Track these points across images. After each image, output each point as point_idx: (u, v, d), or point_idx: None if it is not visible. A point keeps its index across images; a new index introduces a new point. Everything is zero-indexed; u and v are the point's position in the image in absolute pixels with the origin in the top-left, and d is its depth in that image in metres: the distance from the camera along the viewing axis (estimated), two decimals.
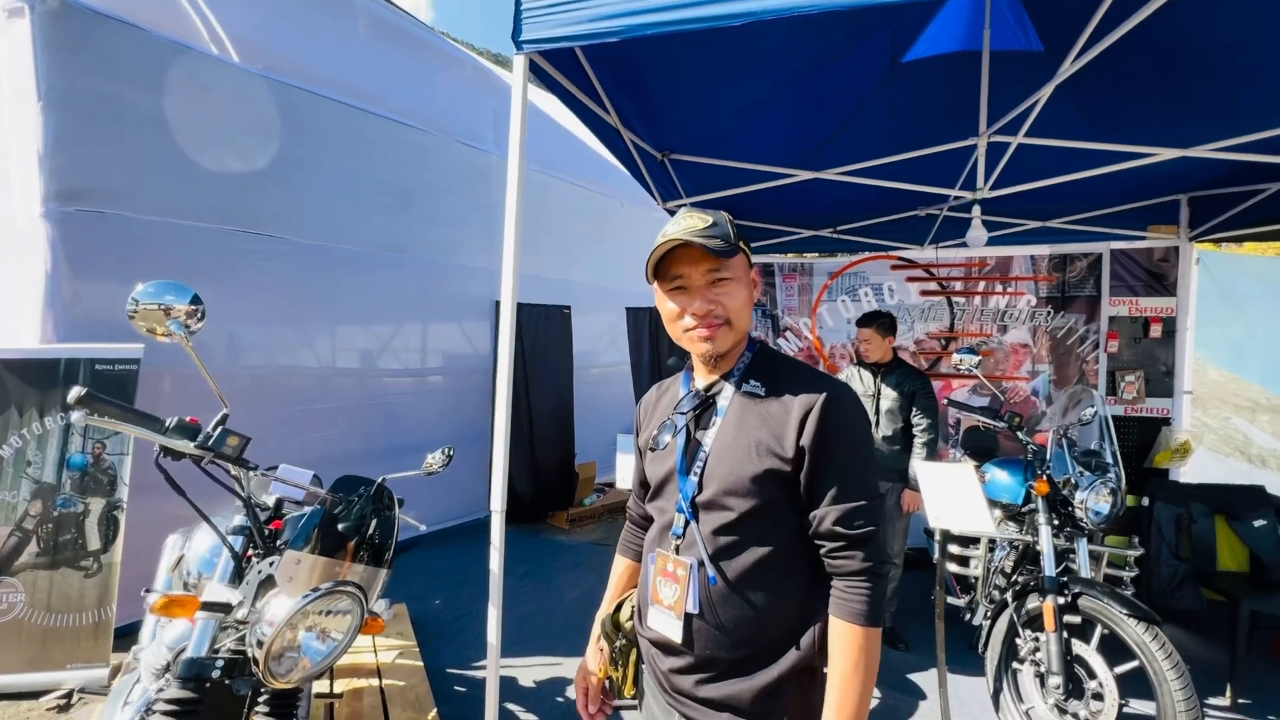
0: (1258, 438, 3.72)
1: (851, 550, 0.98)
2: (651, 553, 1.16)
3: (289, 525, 1.25)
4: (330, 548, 1.25)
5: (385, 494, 1.40)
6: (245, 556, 1.29)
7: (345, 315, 4.46)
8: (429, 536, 4.74)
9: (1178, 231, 3.87)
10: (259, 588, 1.21)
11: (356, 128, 4.33)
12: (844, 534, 0.98)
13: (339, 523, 1.31)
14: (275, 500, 1.34)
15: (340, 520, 1.32)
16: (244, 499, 1.21)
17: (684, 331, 1.10)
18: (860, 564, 0.98)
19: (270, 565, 1.19)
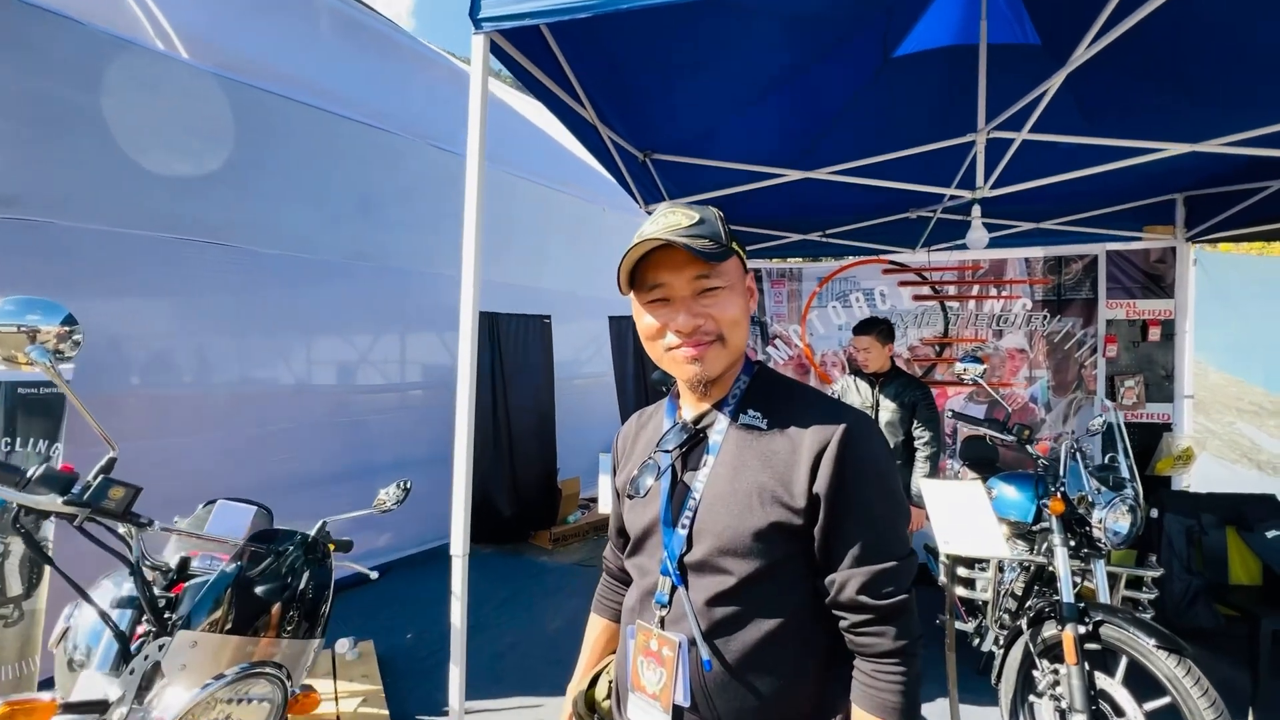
0: (1265, 443, 3.61)
1: (880, 625, 0.79)
2: (631, 624, 0.95)
3: (188, 595, 1.02)
4: (243, 619, 1.02)
5: (319, 545, 1.18)
6: (135, 635, 1.06)
7: (314, 328, 4.21)
8: (403, 562, 4.48)
9: (1174, 232, 3.76)
10: (149, 676, 0.98)
11: (322, 130, 4.10)
12: (870, 605, 0.79)
13: (258, 585, 1.08)
14: (180, 559, 1.12)
15: (261, 581, 1.09)
16: (131, 564, 0.99)
17: (666, 351, 0.90)
18: (892, 643, 0.78)
19: (160, 649, 0.97)
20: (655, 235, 0.85)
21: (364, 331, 4.57)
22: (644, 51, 2.43)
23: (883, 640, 0.79)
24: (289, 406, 3.99)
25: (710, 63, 2.66)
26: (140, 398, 3.26)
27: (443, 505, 5.03)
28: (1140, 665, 2.00)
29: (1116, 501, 2.22)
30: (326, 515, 4.27)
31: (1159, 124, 2.74)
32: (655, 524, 0.92)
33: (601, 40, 2.25)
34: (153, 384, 3.33)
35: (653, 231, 0.86)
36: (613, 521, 1.16)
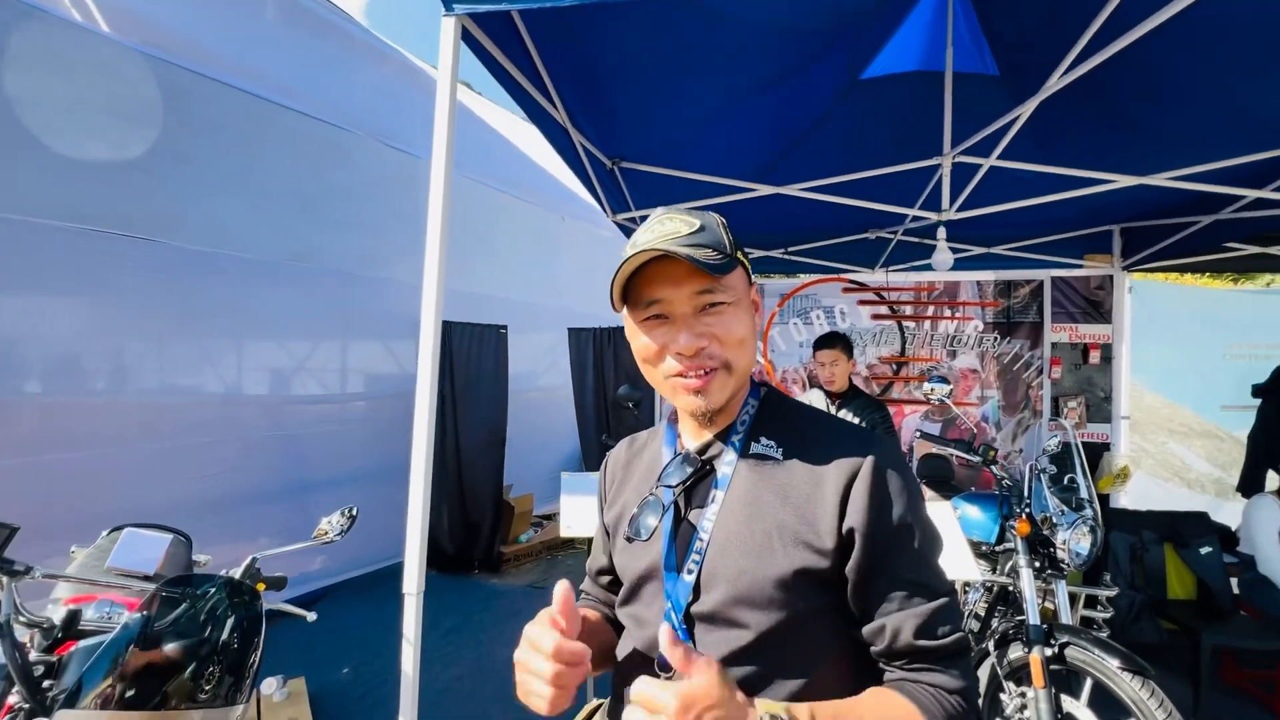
0: (1194, 462, 3.83)
1: (941, 671, 0.70)
2: (628, 686, 0.83)
3: (76, 659, 0.83)
4: (148, 687, 0.84)
5: (245, 588, 1.00)
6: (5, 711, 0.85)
7: (246, 332, 3.88)
8: (341, 587, 4.16)
9: (1112, 261, 3.96)
10: None
11: (260, 120, 3.81)
12: (930, 649, 0.70)
13: (170, 640, 0.90)
14: (68, 612, 0.91)
15: (173, 635, 0.91)
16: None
17: (666, 379, 0.80)
18: (958, 682, 0.70)
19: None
20: (652, 245, 0.74)
21: (302, 337, 4.26)
22: (620, 55, 2.34)
23: (949, 679, 0.70)
24: (214, 418, 3.65)
25: (684, 72, 2.61)
26: (39, 406, 2.89)
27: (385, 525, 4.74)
28: (1104, 687, 2.01)
29: (1078, 522, 2.25)
30: (255, 537, 3.92)
31: (1106, 157, 2.86)
32: (655, 569, 0.81)
33: (577, 39, 2.16)
34: (55, 391, 2.96)
35: (648, 241, 0.75)
36: (594, 557, 1.03)
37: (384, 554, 4.63)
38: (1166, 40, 1.89)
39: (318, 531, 1.39)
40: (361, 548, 4.36)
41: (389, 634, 3.48)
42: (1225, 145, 2.57)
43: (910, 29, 2.78)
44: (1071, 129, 2.89)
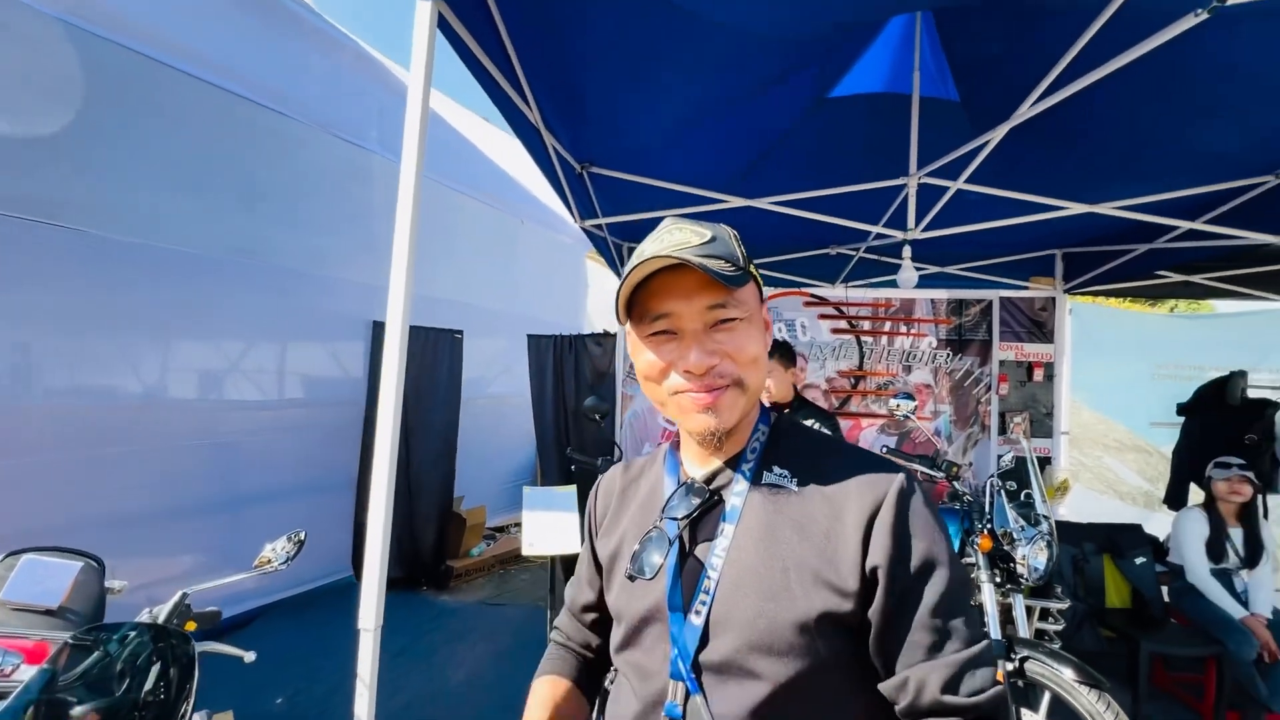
0: (1126, 475, 4.06)
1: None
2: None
3: None
4: None
5: (172, 631, 0.86)
6: None
7: (175, 331, 3.57)
8: (277, 606, 3.86)
9: (1054, 283, 4.17)
10: None
11: (200, 104, 3.53)
12: (959, 706, 0.63)
13: (81, 698, 0.76)
14: None
15: (86, 692, 0.77)
16: None
17: (671, 396, 0.73)
18: None
19: None
20: (662, 254, 0.68)
21: (238, 337, 3.96)
22: (595, 58, 2.28)
23: None
24: (136, 423, 3.33)
25: (658, 79, 2.57)
26: None
27: (325, 540, 4.46)
28: (1061, 699, 2.06)
29: (1036, 537, 2.31)
30: (179, 556, 3.59)
31: (1055, 184, 3.00)
32: (659, 610, 0.73)
33: (553, 39, 2.08)
34: None
35: (657, 250, 0.69)
36: (578, 591, 0.94)
37: (323, 571, 4.35)
38: (1117, 79, 1.98)
39: (260, 560, 1.24)
40: (298, 564, 4.06)
41: (327, 659, 3.26)
42: (1165, 178, 2.73)
43: (878, 51, 2.83)
44: (1025, 156, 3.01)
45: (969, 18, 2.45)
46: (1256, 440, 3.50)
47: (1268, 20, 1.69)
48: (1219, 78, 2.05)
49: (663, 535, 0.75)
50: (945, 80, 2.95)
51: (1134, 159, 2.68)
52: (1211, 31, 1.63)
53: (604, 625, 0.88)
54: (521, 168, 6.45)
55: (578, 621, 0.95)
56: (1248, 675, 2.78)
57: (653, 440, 4.27)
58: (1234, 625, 2.82)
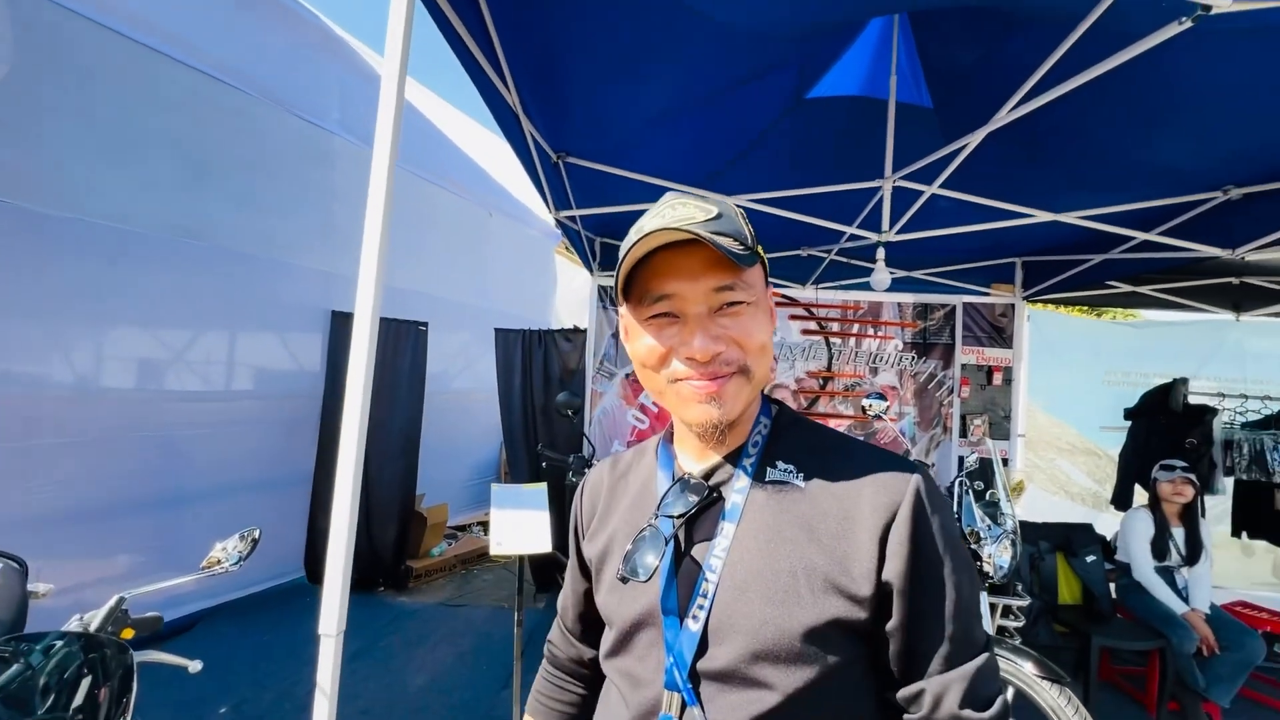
0: (1076, 477, 4.23)
1: None
2: None
3: None
4: None
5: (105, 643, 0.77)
6: None
7: (113, 316, 3.32)
8: (219, 611, 3.65)
9: (1014, 290, 4.30)
10: None
11: (144, 72, 3.30)
12: (976, 719, 0.61)
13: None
14: None
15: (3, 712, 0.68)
16: None
17: (671, 384, 0.68)
18: None
19: None
20: (666, 227, 0.62)
21: (182, 325, 3.72)
22: (579, 43, 2.22)
23: None
24: (67, 414, 3.09)
25: (641, 69, 2.53)
26: None
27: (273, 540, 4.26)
28: (1024, 694, 2.11)
29: (1001, 536, 2.36)
30: (114, 556, 3.37)
31: (1020, 192, 3.09)
32: (652, 614, 0.68)
33: (538, 19, 2.01)
34: None
35: (659, 225, 0.63)
36: (568, 601, 0.89)
37: (271, 573, 4.14)
38: (1084, 91, 2.04)
39: (209, 560, 1.14)
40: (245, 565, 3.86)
41: (275, 665, 3.09)
42: (1124, 190, 2.84)
43: (856, 54, 2.86)
44: (994, 163, 3.09)
45: (944, 25, 2.49)
46: (1196, 444, 3.69)
47: (1233, 40, 1.75)
48: (1180, 94, 2.13)
49: (657, 534, 0.70)
50: (920, 86, 2.99)
51: (1095, 170, 2.77)
52: (1178, 48, 1.68)
53: (597, 636, 0.83)
54: (491, 159, 6.30)
55: (568, 635, 0.90)
56: (1187, 667, 2.92)
57: (622, 438, 4.22)
58: (1176, 620, 2.96)
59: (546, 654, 0.93)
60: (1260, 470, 3.64)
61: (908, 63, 2.86)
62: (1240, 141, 2.34)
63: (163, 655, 1.05)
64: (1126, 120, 2.44)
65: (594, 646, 0.85)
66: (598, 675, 0.85)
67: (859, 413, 4.16)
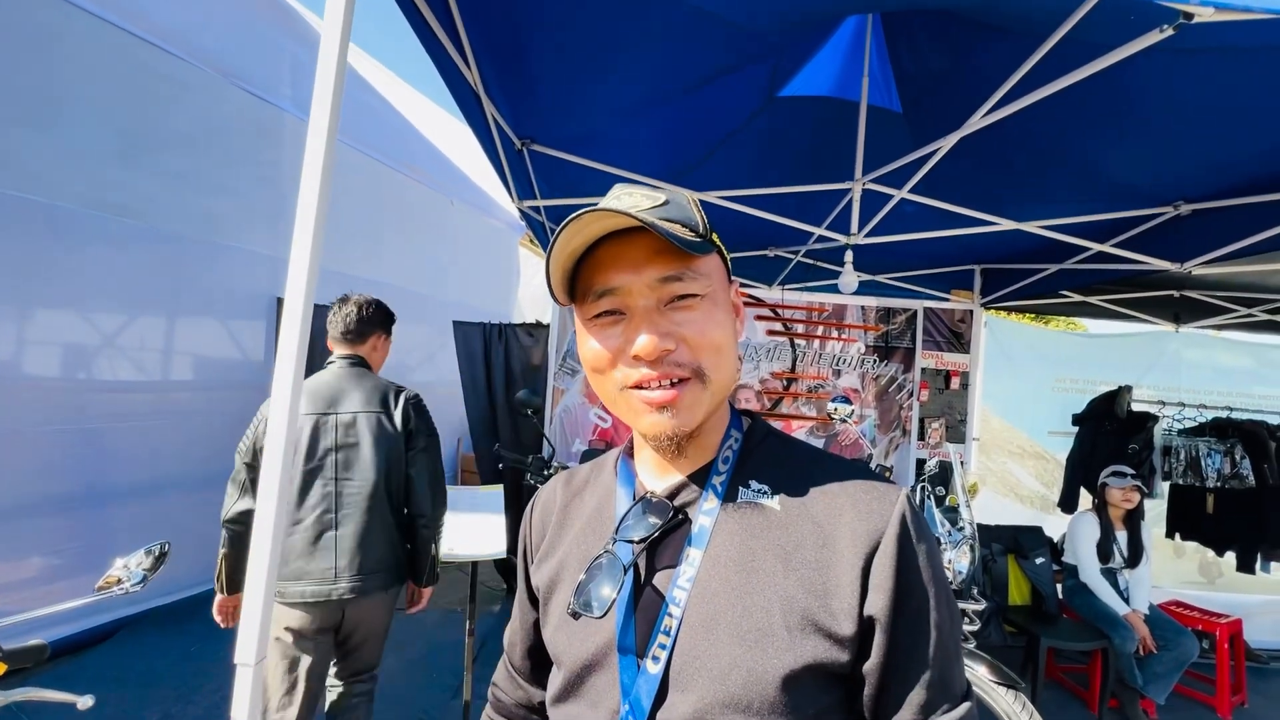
0: (1026, 480, 4.36)
1: None
2: None
3: None
4: None
5: None
6: None
7: (33, 298, 3.05)
8: (144, 619, 3.40)
9: (972, 297, 4.39)
10: None
11: (69, 31, 3.03)
12: None
13: None
14: None
15: None
16: None
17: (621, 390, 0.60)
18: None
19: None
20: (606, 209, 0.55)
21: (112, 310, 3.45)
22: (547, 23, 2.11)
23: None
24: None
25: (611, 57, 2.44)
26: None
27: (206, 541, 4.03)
28: (978, 699, 2.13)
29: (961, 541, 2.38)
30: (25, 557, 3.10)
31: (980, 199, 3.13)
32: (607, 654, 0.60)
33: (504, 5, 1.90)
34: None
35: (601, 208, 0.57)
36: (515, 635, 0.79)
37: (202, 577, 3.89)
38: (1052, 102, 2.05)
39: (106, 580, 1.00)
40: (172, 567, 3.61)
41: (205, 677, 2.89)
42: (1081, 202, 2.90)
43: (828, 55, 2.84)
44: (958, 170, 3.12)
45: (916, 30, 2.49)
46: (1138, 450, 3.84)
47: (1197, 59, 1.78)
48: (1142, 110, 2.17)
49: (615, 561, 0.62)
50: (890, 90, 3.00)
51: (1058, 181, 2.82)
52: (1144, 64, 1.70)
53: (544, 672, 0.74)
54: (454, 145, 6.10)
55: (515, 676, 0.80)
56: (1127, 666, 3.03)
57: (583, 437, 4.13)
58: (1118, 621, 3.06)
59: (490, 698, 0.83)
60: (1195, 475, 3.82)
61: (879, 66, 2.85)
62: (1195, 159, 2.41)
63: (44, 693, 0.91)
64: (1090, 132, 2.49)
65: (545, 688, 0.77)
66: None
67: (822, 415, 4.19)
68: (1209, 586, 4.31)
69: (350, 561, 1.91)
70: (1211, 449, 3.82)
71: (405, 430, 2.04)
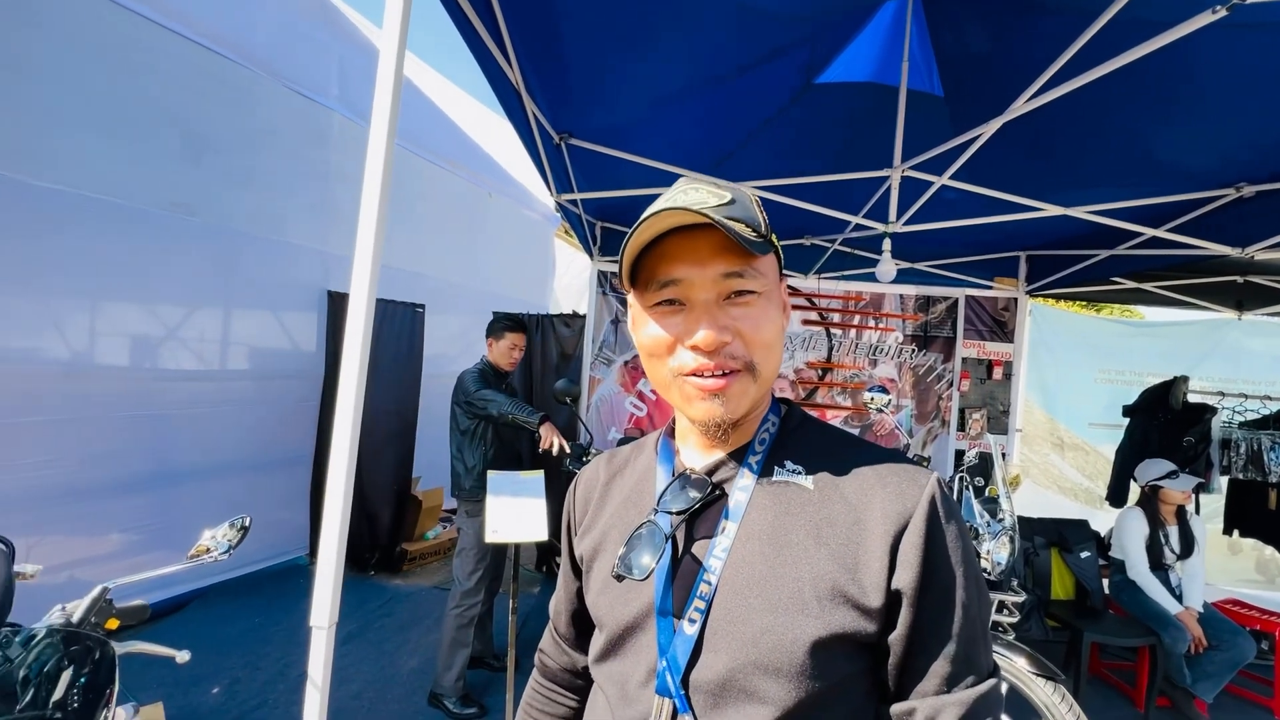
0: (1068, 472, 4.24)
1: None
2: None
3: None
4: None
5: (89, 637, 0.75)
6: None
7: (105, 291, 3.26)
8: (211, 591, 3.64)
9: (1017, 285, 4.27)
10: None
11: (141, 43, 3.21)
12: None
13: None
14: None
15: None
16: None
17: (676, 378, 0.64)
18: None
19: None
20: (676, 206, 0.59)
21: (177, 302, 3.66)
22: (584, 19, 2.15)
23: None
24: (57, 391, 3.04)
25: (647, 49, 2.47)
26: None
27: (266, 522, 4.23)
28: (1017, 690, 2.11)
29: (1000, 532, 2.35)
30: (105, 535, 3.34)
31: (1027, 185, 3.04)
32: (646, 615, 0.64)
33: None
34: None
35: (670, 206, 0.60)
36: (560, 605, 0.85)
37: (265, 553, 4.13)
38: (1100, 84, 1.99)
39: (197, 549, 1.11)
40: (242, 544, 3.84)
41: (269, 646, 3.09)
42: (1134, 185, 2.80)
43: (867, 39, 2.79)
44: (1002, 155, 3.04)
45: (959, 11, 2.43)
46: (1194, 443, 3.69)
47: (1260, 33, 1.70)
48: (1200, 88, 2.08)
49: (655, 531, 0.66)
50: (931, 74, 2.93)
51: (1106, 164, 2.73)
52: (1203, 40, 1.64)
53: (587, 638, 0.80)
54: (490, 138, 6.20)
55: (560, 643, 0.86)
56: (1176, 665, 2.95)
57: (619, 425, 4.20)
58: (1169, 620, 2.97)
59: (537, 663, 0.89)
60: (1257, 470, 3.65)
61: (920, 49, 2.79)
62: (1257, 138, 2.30)
63: (148, 646, 1.02)
64: (1142, 113, 2.39)
65: (586, 654, 0.82)
66: (591, 686, 0.83)
67: (858, 405, 4.15)
68: (1268, 585, 4.13)
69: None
70: (1276, 442, 3.64)
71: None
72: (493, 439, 2.92)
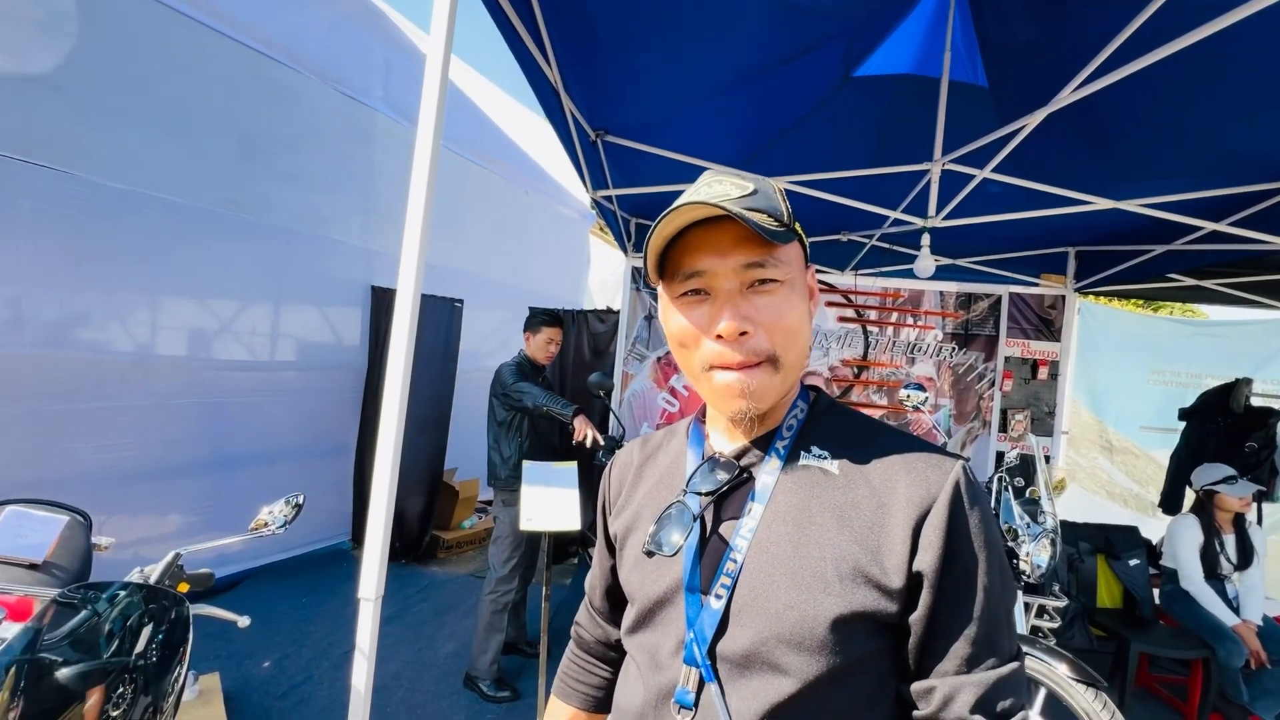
0: (1117, 477, 4.07)
1: None
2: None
3: None
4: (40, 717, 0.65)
5: (163, 595, 0.81)
6: None
7: (165, 286, 3.46)
8: (263, 571, 3.82)
9: (1065, 281, 4.12)
10: None
11: (197, 48, 3.38)
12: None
13: (68, 661, 0.71)
14: None
15: (73, 653, 0.72)
16: None
17: (703, 370, 0.67)
18: None
19: None
20: (699, 200, 0.62)
21: (230, 296, 3.85)
22: (623, 17, 2.17)
23: None
24: (123, 380, 3.24)
25: (683, 45, 2.48)
26: None
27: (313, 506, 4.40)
28: (1057, 696, 2.06)
29: (1040, 535, 2.29)
30: (167, 514, 3.54)
31: (1075, 178, 2.94)
32: (675, 591, 0.68)
33: None
34: None
35: (695, 199, 0.63)
36: (595, 580, 0.89)
37: (311, 537, 4.31)
38: (1152, 71, 1.91)
39: (256, 522, 1.18)
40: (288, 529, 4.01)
41: (315, 624, 3.23)
42: (1192, 177, 2.67)
43: (908, 30, 2.74)
44: (1049, 147, 2.94)
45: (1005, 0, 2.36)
46: (1257, 448, 3.50)
47: None
48: (1259, 74, 1.98)
49: (684, 511, 0.69)
50: (975, 64, 2.86)
51: (1161, 155, 2.61)
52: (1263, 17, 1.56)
53: (620, 612, 0.83)
54: (528, 137, 6.30)
55: (595, 617, 0.90)
56: (1231, 680, 2.81)
57: (652, 420, 4.22)
58: (1225, 632, 2.84)
59: (574, 635, 0.93)
60: None
61: (963, 38, 2.73)
62: None
63: (214, 610, 1.10)
64: (1200, 100, 2.29)
65: (619, 627, 0.85)
66: (623, 658, 0.86)
67: (894, 403, 4.08)
68: None
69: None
70: None
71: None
72: (528, 430, 2.98)
